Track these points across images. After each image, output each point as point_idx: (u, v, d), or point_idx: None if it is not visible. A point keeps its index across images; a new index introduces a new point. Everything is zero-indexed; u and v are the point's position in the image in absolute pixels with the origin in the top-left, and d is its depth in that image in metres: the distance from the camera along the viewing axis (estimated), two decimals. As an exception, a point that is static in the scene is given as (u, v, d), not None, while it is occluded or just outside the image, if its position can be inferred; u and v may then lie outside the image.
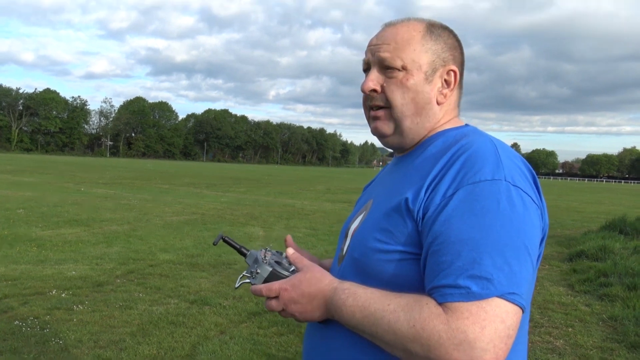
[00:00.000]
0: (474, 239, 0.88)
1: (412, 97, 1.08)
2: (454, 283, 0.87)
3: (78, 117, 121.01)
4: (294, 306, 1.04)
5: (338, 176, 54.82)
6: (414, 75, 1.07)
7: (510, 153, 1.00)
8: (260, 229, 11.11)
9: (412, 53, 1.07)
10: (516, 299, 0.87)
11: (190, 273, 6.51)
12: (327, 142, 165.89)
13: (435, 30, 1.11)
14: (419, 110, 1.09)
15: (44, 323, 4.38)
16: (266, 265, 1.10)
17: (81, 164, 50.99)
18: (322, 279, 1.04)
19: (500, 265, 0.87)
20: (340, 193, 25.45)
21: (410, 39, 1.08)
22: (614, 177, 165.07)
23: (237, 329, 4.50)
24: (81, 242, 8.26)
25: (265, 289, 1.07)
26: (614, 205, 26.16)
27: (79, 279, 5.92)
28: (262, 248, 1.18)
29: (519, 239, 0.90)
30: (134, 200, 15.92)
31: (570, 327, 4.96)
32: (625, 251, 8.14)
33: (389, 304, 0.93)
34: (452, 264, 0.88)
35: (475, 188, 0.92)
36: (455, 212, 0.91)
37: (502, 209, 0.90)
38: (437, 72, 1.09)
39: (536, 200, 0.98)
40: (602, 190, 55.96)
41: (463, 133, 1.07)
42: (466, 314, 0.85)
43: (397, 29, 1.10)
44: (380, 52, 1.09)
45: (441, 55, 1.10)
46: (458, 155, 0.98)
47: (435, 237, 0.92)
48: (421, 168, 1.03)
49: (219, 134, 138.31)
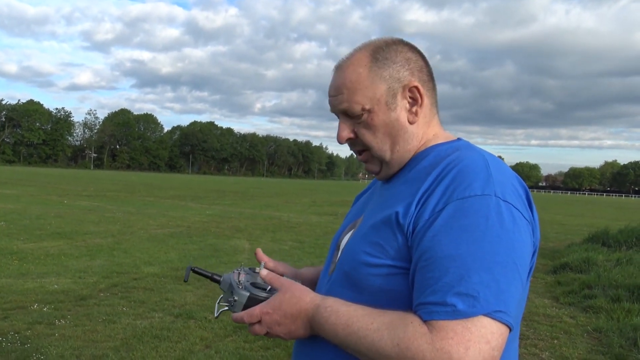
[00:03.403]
0: (461, 255, 0.88)
1: (384, 132, 1.07)
2: (440, 300, 0.86)
3: (62, 128, 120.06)
4: (278, 328, 1.03)
5: (324, 189, 54.85)
6: (376, 111, 1.05)
7: (501, 168, 0.99)
8: (246, 241, 11.05)
9: (365, 91, 1.05)
10: (503, 317, 0.86)
11: (175, 286, 6.44)
12: (313, 154, 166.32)
13: (381, 54, 1.07)
14: (395, 140, 1.08)
15: (25, 338, 4.29)
16: (242, 291, 1.07)
17: (64, 176, 50.42)
18: (302, 297, 1.02)
19: (487, 283, 0.86)
20: (326, 206, 25.44)
21: (358, 78, 1.06)
22: (596, 190, 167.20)
23: (223, 343, 4.45)
24: (64, 255, 8.14)
25: (247, 316, 1.05)
26: (596, 218, 26.48)
27: (61, 292, 5.82)
28: (234, 269, 1.14)
29: (507, 255, 0.89)
30: (118, 212, 15.76)
31: (555, 339, 4.98)
32: (609, 263, 8.23)
33: (372, 322, 0.91)
34: (439, 280, 0.88)
35: (465, 203, 0.91)
36: (443, 228, 0.91)
37: (491, 225, 0.89)
38: (398, 95, 1.07)
39: (527, 215, 0.97)
40: (585, 203, 56.67)
41: (455, 147, 1.06)
42: (451, 333, 0.84)
43: (344, 72, 1.08)
44: (338, 105, 1.08)
45: (395, 77, 1.06)
46: (449, 169, 0.97)
47: (423, 253, 0.91)
48: (412, 182, 1.03)
49: (205, 147, 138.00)
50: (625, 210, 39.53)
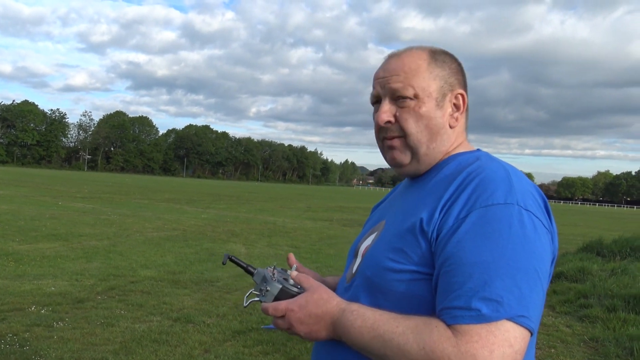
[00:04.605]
0: (485, 261, 0.90)
1: (426, 124, 1.10)
2: (465, 305, 0.89)
3: (56, 130, 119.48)
4: (300, 326, 1.05)
5: (319, 194, 54.84)
6: (426, 102, 1.10)
7: (521, 178, 1.03)
8: (242, 246, 11.04)
9: (422, 81, 1.10)
10: (525, 322, 0.88)
11: (172, 290, 6.42)
12: (307, 160, 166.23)
13: (438, 56, 1.14)
14: (433, 136, 1.11)
15: (24, 340, 4.27)
16: (276, 283, 1.11)
17: (58, 178, 50.17)
18: (329, 300, 1.05)
19: (510, 288, 0.88)
20: (321, 211, 25.44)
21: (418, 67, 1.11)
22: (588, 200, 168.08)
23: (222, 348, 4.45)
24: (60, 257, 8.11)
25: (272, 309, 1.07)
26: (589, 227, 26.61)
27: (59, 294, 5.80)
28: (268, 266, 1.18)
29: (529, 262, 0.91)
30: (113, 215, 15.70)
31: (552, 347, 5.01)
32: (603, 273, 8.27)
33: (397, 326, 0.94)
34: (463, 285, 0.90)
35: (488, 211, 0.94)
36: (467, 235, 0.93)
37: (514, 233, 0.92)
38: (447, 97, 1.12)
39: (547, 224, 1.00)
40: (578, 212, 56.91)
41: (476, 157, 1.10)
42: (475, 337, 0.86)
43: (402, 59, 1.13)
44: (391, 83, 1.11)
45: (448, 80, 1.13)
46: (471, 178, 1.00)
47: (447, 258, 0.94)
48: (435, 190, 1.05)
49: (200, 150, 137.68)
50: (618, 221, 39.74)
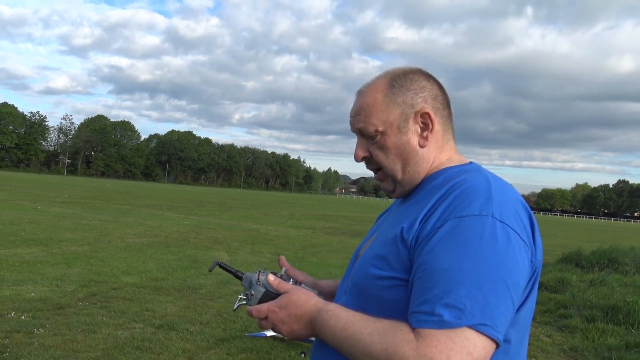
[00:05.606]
0: (453, 269, 0.93)
1: (395, 153, 1.16)
2: (429, 310, 0.92)
3: (36, 132, 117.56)
4: (283, 326, 1.12)
5: (302, 202, 54.81)
6: (389, 134, 1.15)
7: (505, 191, 1.04)
8: (225, 253, 10.99)
9: (381, 114, 1.15)
10: (488, 331, 0.90)
11: (155, 297, 6.37)
12: (290, 167, 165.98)
13: (397, 82, 1.16)
14: (406, 162, 1.17)
15: (3, 347, 4.21)
16: (260, 287, 1.18)
17: (37, 182, 49.39)
18: (307, 301, 1.11)
19: (475, 297, 0.91)
20: (304, 219, 25.44)
21: (374, 102, 1.16)
22: (567, 212, 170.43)
23: (206, 355, 4.43)
24: (40, 263, 7.99)
25: (255, 311, 1.15)
26: (568, 239, 26.98)
27: (39, 300, 5.71)
28: (257, 270, 1.24)
29: (498, 273, 0.93)
30: (94, 220, 15.52)
31: (533, 357, 5.07)
32: (582, 284, 8.41)
33: (366, 327, 0.99)
34: (430, 291, 0.94)
35: (462, 222, 0.97)
36: (439, 243, 0.97)
37: (485, 243, 0.94)
38: (410, 120, 1.15)
39: (525, 238, 1.00)
40: (557, 223, 57.70)
41: (464, 170, 1.13)
42: (435, 342, 0.89)
43: (363, 97, 1.18)
44: (355, 124, 1.19)
45: (409, 103, 1.15)
46: (453, 190, 1.04)
47: (420, 265, 0.98)
48: (419, 202, 1.11)
49: (182, 156, 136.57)
50: (596, 232, 40.38)
